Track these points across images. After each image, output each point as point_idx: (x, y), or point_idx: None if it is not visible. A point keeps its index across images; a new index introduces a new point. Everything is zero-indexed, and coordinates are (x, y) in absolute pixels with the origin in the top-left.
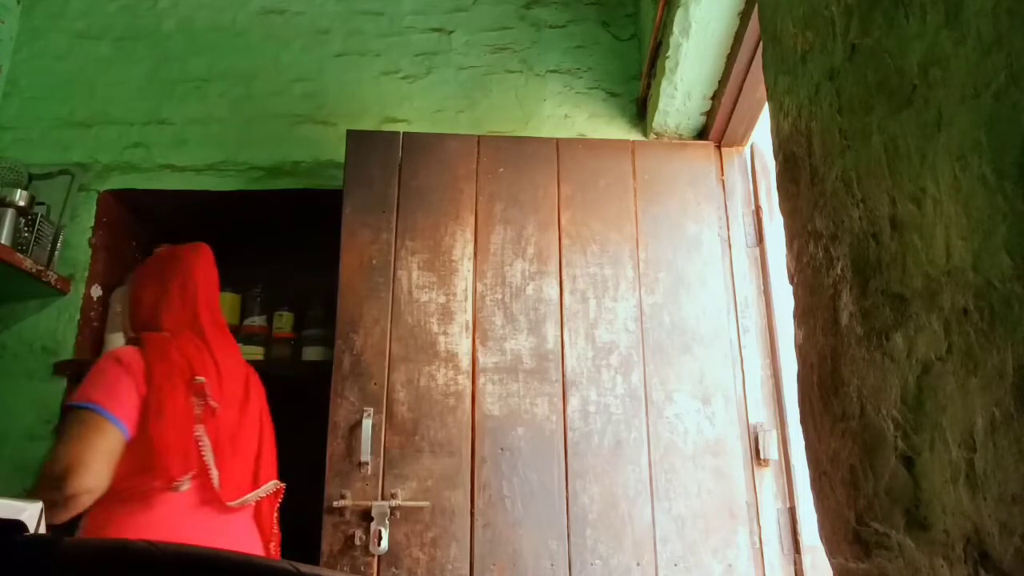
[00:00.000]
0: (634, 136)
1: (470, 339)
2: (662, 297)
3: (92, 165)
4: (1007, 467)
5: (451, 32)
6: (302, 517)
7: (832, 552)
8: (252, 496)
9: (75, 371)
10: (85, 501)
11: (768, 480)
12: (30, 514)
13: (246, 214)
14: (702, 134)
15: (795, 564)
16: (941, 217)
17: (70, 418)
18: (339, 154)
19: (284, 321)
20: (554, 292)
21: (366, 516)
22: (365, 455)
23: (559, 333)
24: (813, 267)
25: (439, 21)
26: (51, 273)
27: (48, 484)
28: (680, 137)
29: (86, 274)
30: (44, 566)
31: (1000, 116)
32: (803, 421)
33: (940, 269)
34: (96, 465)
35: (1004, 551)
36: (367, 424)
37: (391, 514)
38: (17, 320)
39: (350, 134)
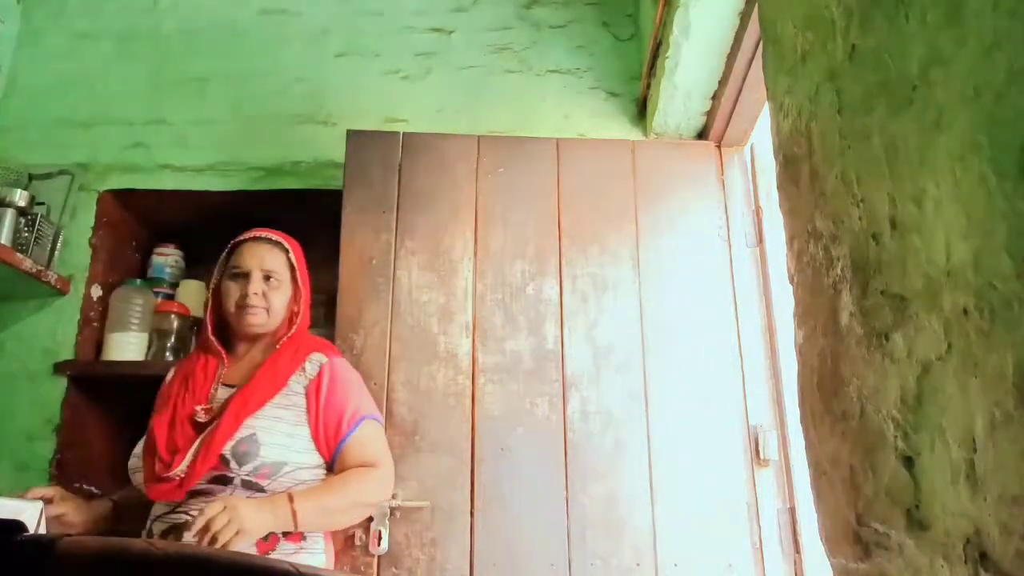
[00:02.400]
0: (634, 136)
1: (470, 339)
2: (662, 297)
3: (92, 165)
4: (1007, 467)
5: (451, 32)
6: None
7: (832, 552)
8: None
9: (75, 371)
10: None
11: (768, 480)
12: (30, 514)
13: (246, 214)
14: (702, 134)
15: (795, 564)
16: (941, 217)
17: (377, 431)
18: (339, 154)
19: None
20: (554, 292)
21: None
22: None
23: (559, 333)
24: (813, 267)
25: (439, 21)
26: (51, 273)
27: (381, 491)
28: (680, 137)
29: (86, 274)
30: (43, 566)
31: (1000, 116)
32: (803, 421)
33: (940, 269)
34: None
35: (1004, 551)
36: None
37: (391, 514)
38: (17, 320)
39: (350, 134)
